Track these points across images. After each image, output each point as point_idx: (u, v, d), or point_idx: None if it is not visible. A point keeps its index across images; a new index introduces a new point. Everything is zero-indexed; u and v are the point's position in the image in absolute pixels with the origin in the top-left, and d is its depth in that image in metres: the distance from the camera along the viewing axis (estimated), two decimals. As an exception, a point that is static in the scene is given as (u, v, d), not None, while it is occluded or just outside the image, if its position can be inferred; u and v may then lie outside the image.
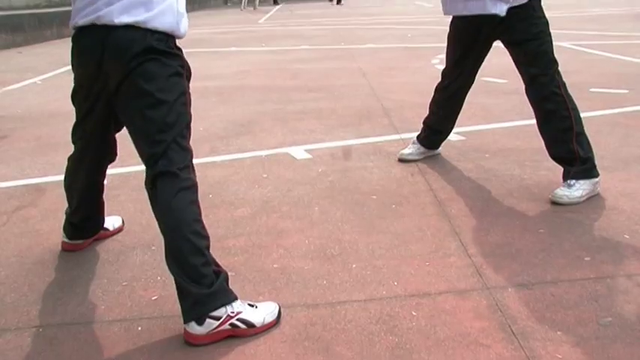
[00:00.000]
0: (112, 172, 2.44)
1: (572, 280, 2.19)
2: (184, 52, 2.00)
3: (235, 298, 1.93)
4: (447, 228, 2.68)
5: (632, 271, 2.25)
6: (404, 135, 4.16)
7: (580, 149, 2.92)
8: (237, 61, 8.31)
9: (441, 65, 3.56)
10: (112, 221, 2.71)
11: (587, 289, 2.13)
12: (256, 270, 2.35)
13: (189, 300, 1.87)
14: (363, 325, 1.95)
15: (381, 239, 2.58)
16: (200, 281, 1.86)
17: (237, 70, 7.47)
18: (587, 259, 2.35)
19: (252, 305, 1.97)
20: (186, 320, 1.88)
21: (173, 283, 1.92)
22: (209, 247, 1.94)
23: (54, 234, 2.69)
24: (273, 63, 8.06)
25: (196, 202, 1.96)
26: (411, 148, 3.65)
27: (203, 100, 5.51)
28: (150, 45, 1.85)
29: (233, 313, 1.89)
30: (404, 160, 3.61)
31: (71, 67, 2.05)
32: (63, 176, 2.41)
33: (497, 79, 3.20)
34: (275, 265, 2.38)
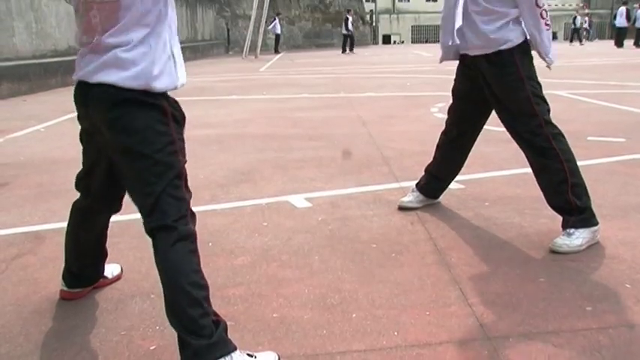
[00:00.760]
0: (112, 219, 2.45)
1: (574, 331, 2.17)
2: (186, 100, 2.03)
3: (235, 348, 1.91)
4: (447, 277, 2.67)
5: (635, 322, 2.23)
6: (403, 183, 4.18)
7: (577, 200, 2.91)
8: (238, 109, 8.41)
9: (441, 113, 3.61)
10: (110, 269, 2.70)
11: (590, 339, 2.10)
12: (256, 319, 2.33)
13: (189, 351, 1.85)
14: (363, 377, 1.92)
15: (381, 288, 2.57)
16: (199, 333, 1.84)
17: (238, 118, 7.56)
18: (588, 308, 2.34)
19: (251, 355, 1.95)
20: (186, 371, 1.86)
21: (172, 332, 1.90)
22: (208, 297, 1.93)
23: (52, 282, 2.67)
24: (273, 111, 8.16)
25: (195, 252, 1.96)
26: (411, 195, 3.67)
27: (204, 148, 5.56)
28: (125, 98, 1.88)
29: (232, 364, 1.87)
30: (403, 208, 3.61)
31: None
32: (63, 223, 2.42)
33: (495, 127, 3.23)
34: (275, 315, 2.36)
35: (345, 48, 27.33)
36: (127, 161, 1.94)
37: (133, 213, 3.26)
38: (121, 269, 2.77)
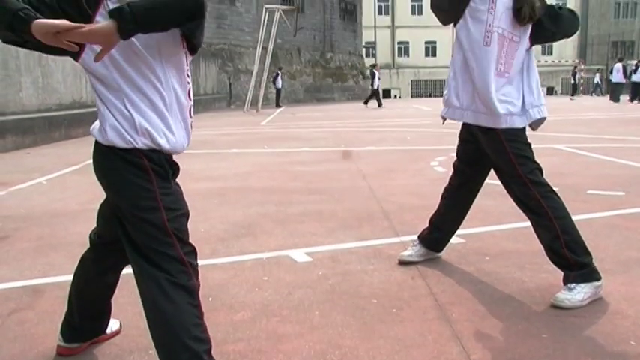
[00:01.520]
0: (112, 274, 2.45)
1: (578, 389, 2.14)
2: (188, 154, 2.06)
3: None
4: (448, 332, 2.64)
5: (640, 380, 2.20)
6: (404, 237, 4.18)
7: (573, 255, 2.91)
8: (238, 163, 8.48)
9: (441, 167, 3.65)
10: (109, 324, 2.67)
11: (594, 398, 2.07)
12: (255, 377, 2.29)
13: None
14: None
15: (382, 344, 2.54)
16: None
17: (239, 172, 7.61)
18: (592, 366, 2.31)
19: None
20: None
21: (169, 390, 1.88)
22: (210, 351, 1.94)
23: (49, 337, 2.64)
24: (274, 165, 8.22)
25: (198, 306, 1.97)
26: (411, 250, 3.66)
27: (204, 202, 5.58)
28: (105, 151, 1.94)
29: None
30: (404, 262, 3.60)
31: None
32: (62, 277, 2.42)
33: (494, 180, 3.26)
34: (274, 372, 2.33)
35: (371, 100, 25.98)
36: (120, 219, 2.00)
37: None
38: (120, 324, 2.74)
